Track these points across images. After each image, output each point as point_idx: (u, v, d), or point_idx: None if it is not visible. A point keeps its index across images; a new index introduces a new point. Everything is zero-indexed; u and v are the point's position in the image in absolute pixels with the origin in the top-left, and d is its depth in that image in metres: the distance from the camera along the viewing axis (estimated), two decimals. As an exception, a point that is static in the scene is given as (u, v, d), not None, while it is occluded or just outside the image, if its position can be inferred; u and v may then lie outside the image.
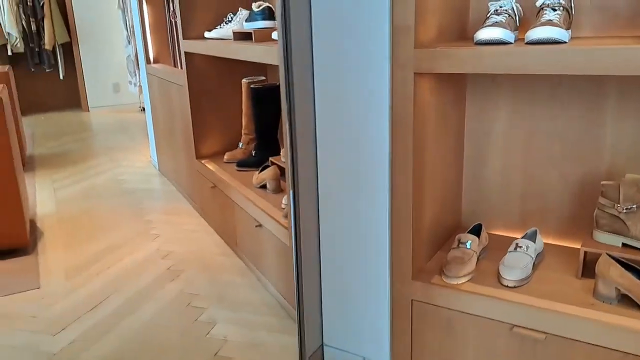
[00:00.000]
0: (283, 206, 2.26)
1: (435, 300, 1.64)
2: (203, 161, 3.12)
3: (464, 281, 1.62)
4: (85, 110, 7.21)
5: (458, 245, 1.71)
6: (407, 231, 1.63)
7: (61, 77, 7.18)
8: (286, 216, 2.16)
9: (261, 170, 2.61)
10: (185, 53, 3.07)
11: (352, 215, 1.74)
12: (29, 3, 6.71)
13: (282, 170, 2.58)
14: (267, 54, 2.16)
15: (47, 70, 7.16)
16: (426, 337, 1.70)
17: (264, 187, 2.59)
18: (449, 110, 1.79)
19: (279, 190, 2.52)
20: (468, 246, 1.69)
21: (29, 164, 4.82)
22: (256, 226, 2.38)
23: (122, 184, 4.17)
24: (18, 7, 6.68)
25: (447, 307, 1.62)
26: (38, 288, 2.58)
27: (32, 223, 3.39)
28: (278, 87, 2.79)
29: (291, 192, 1.71)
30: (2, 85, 3.14)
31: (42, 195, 3.94)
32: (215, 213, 3.07)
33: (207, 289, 2.50)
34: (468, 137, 1.92)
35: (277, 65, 1.99)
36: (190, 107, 3.12)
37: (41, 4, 6.73)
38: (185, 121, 3.27)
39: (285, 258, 2.20)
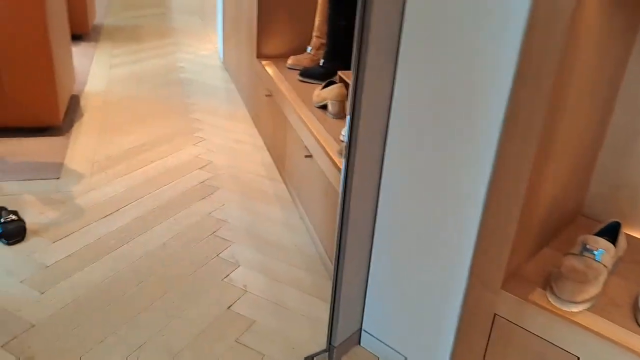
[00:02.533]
0: (342, 138, 1.75)
1: (530, 325, 1.12)
2: (263, 62, 2.60)
3: (581, 309, 1.08)
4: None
5: (582, 252, 1.15)
6: (510, 219, 1.08)
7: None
8: (341, 153, 1.65)
9: (325, 86, 2.06)
10: None
11: (430, 171, 1.20)
12: None
13: (353, 89, 2.02)
14: None
15: None
16: (503, 366, 1.20)
17: (324, 107, 2.05)
18: (611, 46, 1.16)
19: (342, 115, 1.98)
20: (598, 257, 1.13)
21: (94, 33, 4.48)
22: (306, 156, 1.89)
23: (181, 71, 3.76)
24: None
25: (547, 339, 1.10)
26: (57, 178, 2.26)
27: (75, 99, 3.06)
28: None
29: (349, 121, 1.19)
30: None
31: (95, 70, 3.60)
32: (268, 126, 2.60)
33: (240, 218, 2.08)
34: (624, 94, 1.29)
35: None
36: (260, -5, 2.57)
37: None
38: (251, 10, 2.72)
39: (333, 204, 1.72)
